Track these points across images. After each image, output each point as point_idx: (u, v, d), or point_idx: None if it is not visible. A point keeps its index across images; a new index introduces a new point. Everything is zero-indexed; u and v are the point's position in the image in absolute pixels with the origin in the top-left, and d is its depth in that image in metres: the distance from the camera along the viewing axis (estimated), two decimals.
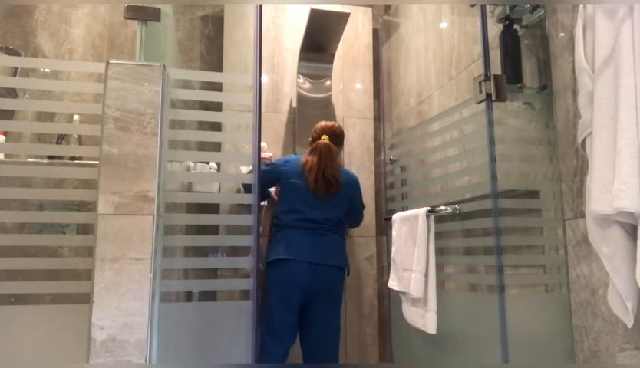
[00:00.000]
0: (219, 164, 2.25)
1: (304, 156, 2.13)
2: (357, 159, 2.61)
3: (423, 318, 1.77)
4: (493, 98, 1.56)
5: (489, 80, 1.56)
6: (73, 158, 2.08)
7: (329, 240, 2.07)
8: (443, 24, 2.24)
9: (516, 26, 1.71)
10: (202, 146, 2.26)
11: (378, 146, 2.69)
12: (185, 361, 1.41)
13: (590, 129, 1.22)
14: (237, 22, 2.53)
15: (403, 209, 2.14)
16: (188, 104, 1.72)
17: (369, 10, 2.79)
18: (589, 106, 1.23)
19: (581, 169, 1.48)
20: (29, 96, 2.23)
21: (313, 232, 2.03)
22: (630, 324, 1.14)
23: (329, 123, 2.19)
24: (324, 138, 2.13)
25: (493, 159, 1.56)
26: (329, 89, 2.59)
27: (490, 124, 1.56)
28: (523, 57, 1.70)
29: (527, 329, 1.53)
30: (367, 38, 2.75)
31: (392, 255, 2.04)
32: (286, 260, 1.96)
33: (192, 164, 2.18)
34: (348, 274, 2.13)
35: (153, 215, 1.30)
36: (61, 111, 2.25)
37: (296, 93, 2.54)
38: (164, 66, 1.38)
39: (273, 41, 2.60)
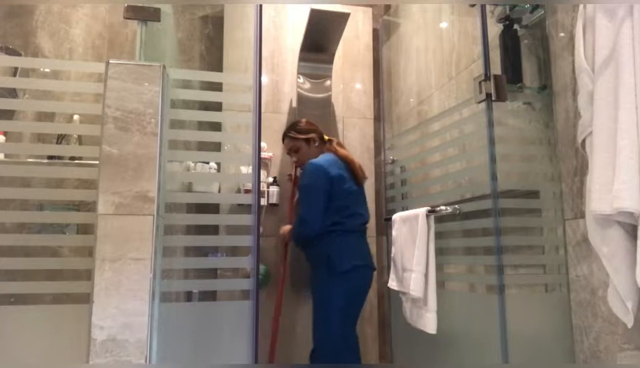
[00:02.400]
0: (219, 164, 2.25)
1: (340, 151, 2.10)
2: (357, 159, 2.60)
3: (423, 318, 1.77)
4: (493, 98, 1.56)
5: (489, 80, 1.56)
6: (73, 158, 2.07)
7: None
8: (443, 24, 2.24)
9: (516, 26, 1.71)
10: (202, 146, 2.26)
11: (378, 146, 2.68)
12: (185, 361, 1.41)
13: (590, 129, 1.22)
14: (237, 22, 2.53)
15: (403, 209, 2.14)
16: (188, 104, 1.72)
17: (369, 10, 2.79)
18: (589, 106, 1.23)
19: (581, 169, 1.47)
20: (29, 96, 2.23)
21: (364, 235, 2.05)
22: (630, 324, 1.14)
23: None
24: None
25: (492, 159, 1.56)
26: (329, 89, 2.58)
27: (490, 124, 1.56)
28: (523, 57, 1.70)
29: (527, 329, 1.53)
30: (367, 38, 2.75)
31: (392, 255, 2.04)
32: (361, 266, 1.94)
33: (192, 164, 2.18)
34: None
35: (153, 215, 1.30)
36: (61, 111, 2.24)
37: (296, 93, 2.54)
38: (164, 66, 1.38)
39: (273, 41, 2.60)
